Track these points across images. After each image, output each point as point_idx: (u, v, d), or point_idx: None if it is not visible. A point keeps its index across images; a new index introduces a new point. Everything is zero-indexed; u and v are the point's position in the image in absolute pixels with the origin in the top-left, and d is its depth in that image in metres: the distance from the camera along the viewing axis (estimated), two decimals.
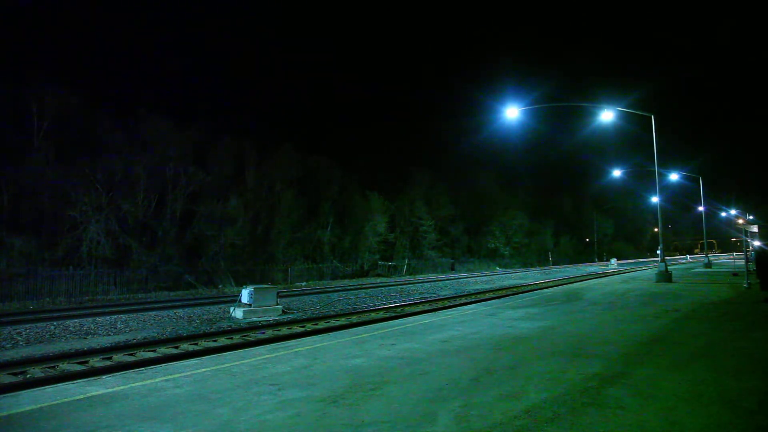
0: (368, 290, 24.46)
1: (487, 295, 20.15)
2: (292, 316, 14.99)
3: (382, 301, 19.34)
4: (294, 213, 37.26)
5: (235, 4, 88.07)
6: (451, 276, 39.19)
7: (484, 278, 34.48)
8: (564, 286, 22.25)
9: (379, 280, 34.24)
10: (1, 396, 5.47)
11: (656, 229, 44.24)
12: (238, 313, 14.64)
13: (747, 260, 20.88)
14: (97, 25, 53.23)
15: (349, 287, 26.66)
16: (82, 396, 5.24)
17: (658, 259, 22.88)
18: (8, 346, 10.69)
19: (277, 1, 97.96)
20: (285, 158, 38.80)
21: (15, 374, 7.93)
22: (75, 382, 6.10)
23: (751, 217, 50.67)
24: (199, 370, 6.35)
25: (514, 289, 23.15)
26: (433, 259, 48.64)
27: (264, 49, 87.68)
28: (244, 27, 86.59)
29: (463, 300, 18.52)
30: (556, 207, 77.10)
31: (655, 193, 26.03)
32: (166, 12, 70.62)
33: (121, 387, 5.59)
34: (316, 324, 12.90)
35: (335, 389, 5.29)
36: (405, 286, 27.54)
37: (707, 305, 12.74)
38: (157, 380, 5.86)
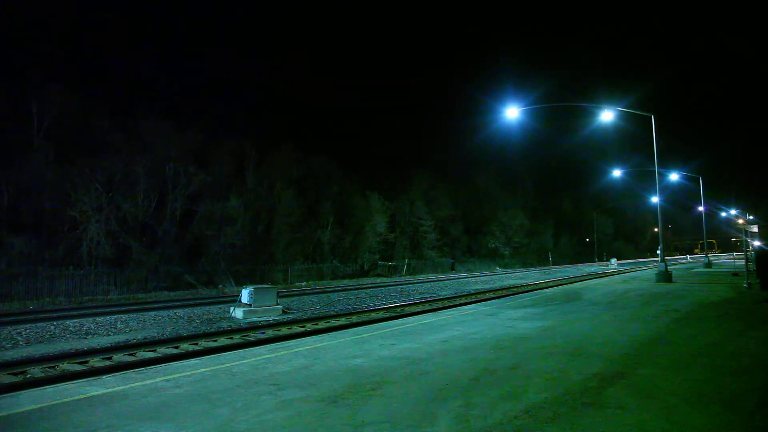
0: (368, 290, 24.45)
1: (487, 295, 20.14)
2: (292, 316, 14.99)
3: (382, 301, 19.33)
4: (294, 213, 37.24)
5: (235, 3, 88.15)
6: (451, 276, 39.18)
7: (484, 278, 34.48)
8: (564, 286, 22.26)
9: (379, 280, 34.22)
10: (1, 396, 5.47)
11: (656, 229, 44.23)
12: (238, 313, 14.63)
13: (747, 260, 20.88)
14: (98, 26, 53.24)
15: (349, 287, 26.65)
16: (82, 396, 5.24)
17: (658, 259, 22.88)
18: (8, 346, 10.68)
19: (278, 0, 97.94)
20: (285, 158, 38.79)
21: (15, 374, 7.92)
22: (75, 382, 6.10)
23: (751, 217, 50.61)
24: (199, 370, 6.35)
25: (514, 289, 23.15)
26: (433, 259, 48.60)
27: (264, 48, 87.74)
28: (245, 26, 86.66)
29: (463, 300, 18.52)
30: (556, 207, 77.08)
31: (655, 193, 26.03)
32: (166, 12, 70.64)
33: (121, 387, 5.59)
34: (317, 324, 12.89)
35: (335, 389, 5.29)
36: (405, 286, 27.53)
37: (707, 305, 12.74)
38: (157, 380, 5.86)
